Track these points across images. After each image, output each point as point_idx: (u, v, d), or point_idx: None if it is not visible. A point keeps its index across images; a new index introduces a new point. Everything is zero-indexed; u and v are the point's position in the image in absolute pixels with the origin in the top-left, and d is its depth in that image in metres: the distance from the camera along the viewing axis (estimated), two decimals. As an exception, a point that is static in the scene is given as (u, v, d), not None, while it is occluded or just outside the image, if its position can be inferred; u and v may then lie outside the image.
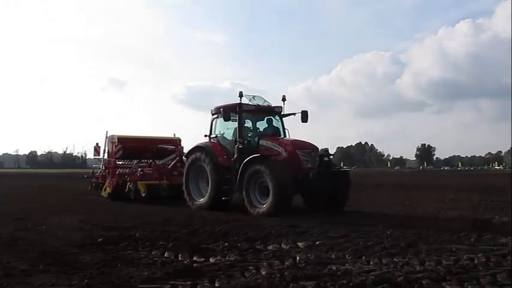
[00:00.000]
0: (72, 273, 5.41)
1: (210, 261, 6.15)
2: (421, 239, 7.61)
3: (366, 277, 5.07)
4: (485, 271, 5.42)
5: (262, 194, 11.27)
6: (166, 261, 6.10)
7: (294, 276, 5.06)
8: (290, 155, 11.59)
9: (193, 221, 10.05)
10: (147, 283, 4.99)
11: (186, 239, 7.82)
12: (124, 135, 17.58)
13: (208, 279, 5.15)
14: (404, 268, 5.64)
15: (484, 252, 6.48)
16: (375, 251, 6.75)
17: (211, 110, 13.55)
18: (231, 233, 8.33)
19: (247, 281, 5.01)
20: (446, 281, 4.98)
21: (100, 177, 17.84)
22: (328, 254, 6.56)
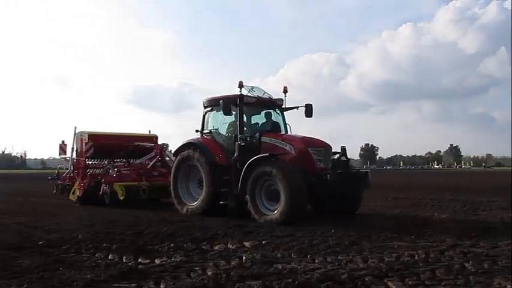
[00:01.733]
0: (11, 277, 5.20)
1: (156, 262, 6.07)
2: (364, 237, 7.79)
3: (311, 275, 5.14)
4: (425, 267, 5.60)
5: (270, 198, 9.80)
6: (110, 264, 5.96)
7: (240, 276, 5.07)
8: (301, 154, 10.13)
9: (138, 222, 9.89)
10: (90, 286, 4.86)
11: (131, 240, 7.68)
12: (95, 132, 15.71)
13: (154, 280, 5.08)
14: (348, 265, 5.74)
15: (423, 249, 6.71)
16: (320, 249, 6.86)
17: (204, 102, 12.05)
18: (177, 234, 8.25)
19: (193, 281, 4.98)
20: (388, 277, 5.10)
21: (67, 179, 15.78)
22: (274, 253, 6.60)
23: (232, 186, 10.33)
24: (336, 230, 8.38)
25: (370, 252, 6.58)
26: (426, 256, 6.25)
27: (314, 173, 9.72)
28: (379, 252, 6.61)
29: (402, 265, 5.71)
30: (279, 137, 10.85)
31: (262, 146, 10.50)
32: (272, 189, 9.66)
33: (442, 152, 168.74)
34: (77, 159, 15.42)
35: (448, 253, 6.45)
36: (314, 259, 6.17)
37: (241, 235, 8.14)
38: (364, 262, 5.94)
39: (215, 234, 8.26)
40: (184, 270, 5.58)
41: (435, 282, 4.94)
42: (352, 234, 7.97)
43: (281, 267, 5.65)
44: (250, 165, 9.93)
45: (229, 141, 11.11)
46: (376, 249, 6.83)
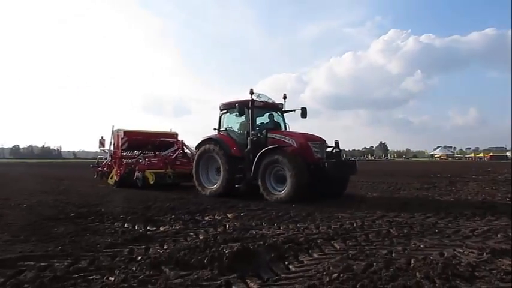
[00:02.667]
0: (48, 241, 5.09)
1: (160, 229, 6.00)
2: (317, 209, 7.81)
3: (277, 238, 5.15)
4: (361, 232, 5.66)
5: (278, 181, 9.51)
6: (125, 231, 5.87)
7: (224, 240, 5.05)
8: (302, 146, 9.71)
9: (147, 199, 9.74)
10: (110, 248, 4.79)
11: (142, 213, 7.57)
12: (129, 129, 15.03)
13: (159, 243, 5.04)
14: (304, 231, 5.77)
15: (360, 219, 6.77)
16: (284, 219, 6.87)
17: (220, 106, 11.46)
18: (177, 208, 8.16)
19: (189, 244, 4.93)
20: (334, 239, 5.15)
21: (106, 167, 15.30)
22: (250, 222, 6.58)
23: (245, 173, 10.10)
24: (296, 205, 8.41)
25: (321, 221, 6.61)
26: (362, 224, 6.32)
27: (313, 162, 9.44)
28: (327, 221, 6.64)
29: (344, 231, 5.75)
30: (283, 133, 10.56)
31: (269, 141, 10.18)
32: (279, 174, 9.45)
33: (374, 147, 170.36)
34: (114, 151, 14.86)
35: (378, 222, 6.52)
36: (279, 226, 6.18)
37: (225, 209, 8.09)
38: (316, 228, 5.98)
39: (206, 208, 8.20)
40: (182, 235, 5.55)
41: (368, 243, 5.00)
42: (308, 208, 7.99)
43: (255, 232, 5.65)
44: (261, 155, 9.68)
45: (241, 137, 10.73)
46: (326, 219, 6.85)
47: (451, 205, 8.60)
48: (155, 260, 4.13)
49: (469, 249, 4.54)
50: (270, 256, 4.26)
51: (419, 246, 4.77)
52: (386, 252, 4.45)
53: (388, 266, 3.78)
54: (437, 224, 6.22)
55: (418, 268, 3.75)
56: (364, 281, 3.42)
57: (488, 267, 3.79)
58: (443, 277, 3.48)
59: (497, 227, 5.93)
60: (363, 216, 7.00)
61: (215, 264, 3.90)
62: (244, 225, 6.33)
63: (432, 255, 4.28)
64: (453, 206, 8.47)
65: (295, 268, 3.96)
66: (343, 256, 4.27)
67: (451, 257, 4.18)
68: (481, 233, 5.52)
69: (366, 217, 6.93)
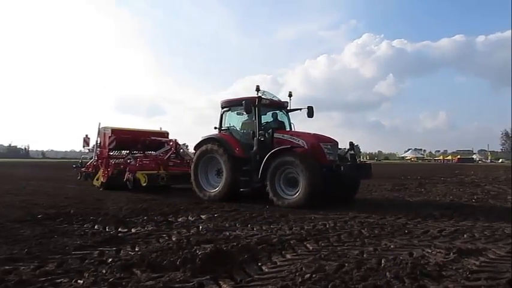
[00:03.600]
0: (14, 244, 4.92)
1: (132, 231, 5.90)
2: (290, 210, 7.87)
3: (250, 239, 5.16)
4: (333, 233, 5.73)
5: (288, 185, 8.80)
6: (96, 232, 5.74)
7: (197, 241, 5.02)
8: (313, 148, 8.99)
9: (119, 200, 9.57)
10: (79, 250, 4.67)
11: (113, 214, 7.42)
12: (117, 127, 13.91)
13: (130, 245, 4.95)
14: (278, 232, 5.79)
15: (332, 219, 6.85)
16: (258, 220, 6.89)
17: (221, 103, 10.70)
18: (150, 209, 8.05)
19: (161, 245, 4.88)
20: (307, 240, 5.20)
21: (91, 167, 14.01)
22: (224, 223, 6.57)
23: (251, 175, 9.26)
24: (269, 206, 8.44)
25: (294, 222, 6.66)
26: (334, 225, 6.40)
27: (325, 165, 8.70)
28: (300, 222, 6.70)
29: (317, 231, 5.82)
30: (291, 133, 9.82)
31: (275, 141, 9.44)
32: (290, 177, 8.75)
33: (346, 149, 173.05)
34: (100, 151, 13.66)
35: (350, 222, 6.62)
36: (253, 228, 6.19)
37: (198, 210, 8.04)
38: (289, 229, 6.01)
39: (179, 209, 8.13)
40: (154, 237, 5.47)
41: (340, 244, 5.07)
42: (281, 209, 8.04)
43: (228, 234, 5.63)
44: (271, 156, 8.93)
45: (245, 137, 9.97)
46: (299, 220, 6.91)
47: (420, 206, 8.83)
48: (126, 262, 4.06)
49: (437, 249, 4.67)
50: (243, 257, 4.25)
51: (390, 246, 4.86)
52: (357, 253, 4.53)
53: (359, 266, 3.85)
54: (407, 225, 6.37)
55: (388, 268, 3.83)
56: (336, 281, 3.46)
57: (455, 267, 3.91)
58: (412, 277, 3.56)
59: (463, 227, 6.12)
60: (335, 217, 7.08)
61: (188, 266, 3.87)
62: (218, 226, 6.30)
63: (402, 255, 4.38)
64: (422, 207, 8.70)
65: (268, 269, 3.97)
66: (316, 257, 4.31)
67: (420, 257, 4.29)
68: (448, 233, 5.69)
69: (339, 218, 7.02)
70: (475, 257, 4.30)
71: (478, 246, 4.81)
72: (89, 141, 14.44)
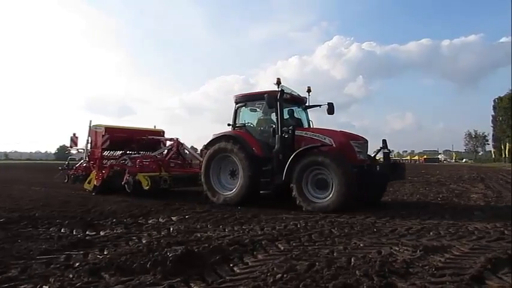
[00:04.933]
0: (-25, 249, 4.72)
1: (101, 234, 5.76)
2: (262, 211, 7.88)
3: (222, 241, 5.12)
4: (305, 232, 5.76)
5: (317, 187, 8.06)
6: (62, 236, 5.57)
7: (168, 243, 4.95)
8: (342, 146, 8.29)
9: (87, 203, 9.33)
10: (44, 254, 4.51)
11: (81, 217, 7.22)
12: (111, 125, 12.87)
13: (99, 248, 4.82)
14: (249, 233, 5.79)
15: (304, 219, 6.90)
16: (229, 221, 6.86)
17: (236, 98, 9.87)
18: (119, 211, 7.89)
19: (130, 248, 4.78)
20: (278, 240, 5.21)
21: (81, 169, 12.95)
22: (195, 225, 6.51)
23: (273, 176, 8.55)
24: (241, 207, 8.43)
25: (266, 222, 6.67)
26: (305, 225, 6.44)
27: (355, 165, 8.01)
28: (272, 222, 6.71)
29: (288, 231, 5.84)
30: (315, 130, 9.01)
31: (297, 139, 8.71)
32: (319, 178, 8.04)
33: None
34: (92, 151, 12.62)
35: (321, 222, 6.67)
36: (225, 228, 6.16)
37: (169, 211, 7.94)
38: (261, 230, 6.02)
39: (149, 211, 7.99)
40: (124, 239, 5.36)
41: (311, 243, 5.11)
42: (253, 210, 8.04)
43: (200, 235, 5.58)
44: (297, 155, 8.21)
45: (263, 135, 9.29)
46: (270, 220, 6.93)
47: (388, 205, 9.04)
48: (94, 266, 3.96)
49: (404, 247, 4.78)
50: (214, 258, 4.23)
51: (359, 245, 4.94)
52: (328, 252, 4.58)
53: (329, 265, 3.89)
54: (376, 224, 6.50)
55: (357, 266, 3.90)
56: (307, 280, 3.49)
57: (421, 264, 4.02)
58: (380, 274, 3.63)
59: (429, 225, 6.30)
60: (306, 217, 7.13)
61: (158, 269, 3.81)
62: (189, 227, 6.24)
63: (371, 253, 4.46)
64: (390, 206, 8.92)
65: (240, 270, 3.96)
66: (287, 256, 4.34)
67: (388, 255, 4.38)
68: (415, 231, 5.84)
69: (310, 218, 7.07)
70: (441, 254, 4.43)
71: (443, 243, 4.96)
72: (77, 140, 13.41)
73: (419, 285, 3.40)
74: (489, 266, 3.81)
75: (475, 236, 5.40)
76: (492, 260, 4.00)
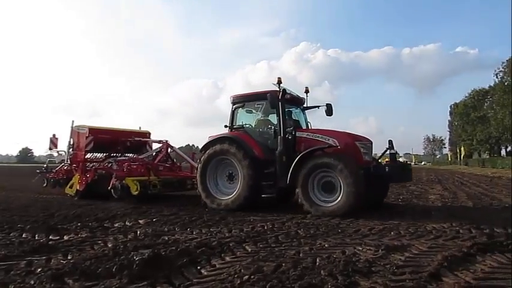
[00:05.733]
0: None
1: (64, 238, 5.57)
2: (230, 213, 7.87)
3: (190, 243, 5.07)
4: (272, 234, 5.79)
5: (324, 190, 7.71)
6: (23, 241, 5.33)
7: (134, 246, 4.85)
8: (348, 147, 7.96)
9: (50, 207, 9.01)
10: (4, 260, 4.31)
11: (43, 221, 6.97)
12: (95, 126, 11.99)
13: (62, 253, 4.66)
14: (217, 235, 5.76)
15: (271, 221, 6.94)
16: (197, 224, 6.81)
17: (233, 98, 9.33)
18: (84, 215, 7.67)
19: (95, 252, 4.65)
20: (246, 242, 5.21)
21: (62, 172, 12.04)
22: (163, 228, 6.41)
23: (277, 179, 8.15)
24: (209, 209, 8.38)
25: (233, 225, 6.66)
26: (272, 226, 6.49)
27: (361, 166, 7.68)
28: (240, 224, 6.72)
29: (256, 233, 5.86)
30: (317, 131, 8.59)
31: (299, 140, 8.36)
32: (326, 181, 7.69)
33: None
34: (74, 153, 11.68)
35: (287, 223, 6.74)
36: (192, 231, 6.11)
37: (136, 215, 7.79)
38: (229, 232, 6.01)
39: (115, 214, 7.82)
40: (88, 244, 5.21)
41: (278, 244, 5.14)
42: (221, 212, 8.02)
43: (167, 238, 5.51)
44: (302, 157, 7.84)
45: (263, 136, 8.87)
46: (238, 222, 6.93)
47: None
48: (57, 271, 3.81)
49: (367, 246, 4.90)
50: (182, 261, 4.18)
51: (324, 245, 5.02)
52: (294, 253, 4.62)
53: (295, 266, 3.93)
54: (340, 224, 6.62)
55: (322, 266, 3.96)
56: (274, 281, 3.51)
57: (383, 263, 4.13)
58: (344, 273, 3.71)
59: (391, 225, 6.48)
60: (273, 219, 7.17)
61: (124, 273, 3.72)
62: (156, 231, 6.14)
63: (335, 253, 4.54)
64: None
65: (208, 272, 3.93)
66: (254, 258, 4.35)
67: (352, 255, 4.47)
68: (377, 231, 5.99)
69: (277, 219, 7.12)
70: (401, 252, 4.57)
71: (403, 242, 5.12)
72: (57, 142, 12.42)
73: (381, 283, 3.49)
74: (445, 264, 3.96)
75: (432, 235, 5.60)
76: (448, 258, 4.16)
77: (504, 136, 48.14)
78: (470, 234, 5.65)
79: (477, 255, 4.36)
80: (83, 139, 11.53)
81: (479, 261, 4.15)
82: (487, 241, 4.97)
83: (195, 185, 10.72)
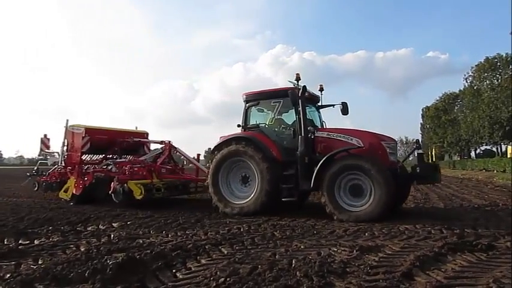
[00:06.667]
0: None
1: (35, 243, 5.43)
2: (206, 215, 7.83)
3: (165, 246, 5.02)
4: (248, 236, 5.80)
5: (351, 194, 7.22)
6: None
7: (108, 250, 4.76)
8: (373, 148, 7.50)
9: (20, 210, 8.74)
10: (-30, 267, 4.17)
11: (13, 225, 6.76)
12: (91, 126, 11.18)
13: (32, 258, 4.55)
14: (193, 238, 5.73)
15: (247, 223, 6.95)
16: (173, 226, 6.75)
17: (245, 96, 8.81)
18: (55, 218, 7.48)
19: (67, 257, 4.54)
20: (222, 245, 5.20)
21: (56, 176, 11.26)
22: (137, 231, 6.32)
23: (298, 182, 7.65)
24: (184, 211, 8.31)
25: (209, 227, 6.63)
26: (248, 228, 6.49)
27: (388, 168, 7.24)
28: (216, 226, 6.69)
29: (232, 235, 5.85)
30: (338, 131, 8.01)
31: (318, 140, 7.90)
32: (354, 184, 7.22)
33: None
34: (69, 155, 10.91)
35: (263, 225, 6.75)
36: (168, 234, 6.05)
37: (110, 218, 7.65)
38: (205, 234, 5.98)
39: (88, 217, 7.65)
40: (60, 248, 5.09)
41: (254, 246, 5.15)
42: (197, 214, 7.97)
43: (142, 241, 5.44)
44: (327, 159, 7.35)
45: (281, 136, 8.36)
46: (214, 224, 6.90)
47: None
48: (27, 277, 3.71)
49: (341, 247, 4.96)
50: (157, 265, 4.12)
51: (300, 247, 5.05)
52: (270, 255, 4.63)
53: (271, 268, 3.94)
54: (316, 226, 6.67)
55: (298, 268, 3.98)
56: (250, 283, 3.51)
57: (357, 263, 4.18)
58: (320, 274, 3.74)
59: (365, 226, 6.57)
60: (249, 221, 7.18)
61: (97, 277, 3.65)
62: (131, 234, 6.05)
63: (311, 255, 4.57)
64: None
65: (183, 275, 3.90)
66: (230, 260, 4.33)
67: (327, 256, 4.52)
68: (352, 232, 6.07)
69: (253, 221, 7.13)
70: (375, 253, 4.64)
71: (377, 243, 5.20)
72: (49, 142, 11.70)
73: (356, 283, 3.53)
74: (418, 264, 4.05)
75: (405, 236, 5.72)
76: (420, 257, 4.25)
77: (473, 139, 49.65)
78: (442, 234, 5.79)
79: (448, 254, 4.48)
80: (78, 139, 10.81)
81: (450, 261, 4.26)
82: (457, 241, 5.10)
83: (198, 188, 10.64)
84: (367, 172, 6.98)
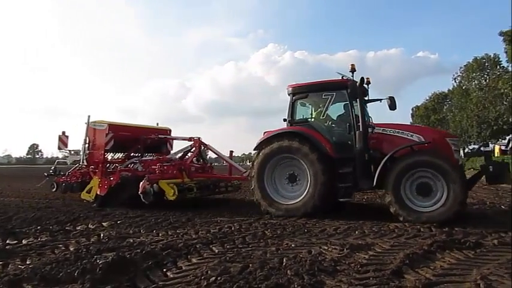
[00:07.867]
0: None
1: (23, 242, 5.37)
2: (197, 214, 7.81)
3: (155, 245, 5.00)
4: (239, 235, 5.80)
5: (418, 193, 6.69)
6: (-22, 246, 5.10)
7: (98, 250, 4.73)
8: (437, 145, 6.99)
9: (8, 210, 8.62)
10: (-44, 267, 4.10)
11: (0, 225, 6.67)
12: (114, 122, 10.69)
13: (20, 258, 4.49)
14: (184, 237, 5.70)
15: (238, 222, 6.95)
16: (163, 225, 6.72)
17: (292, 89, 8.22)
18: (44, 218, 7.39)
19: (56, 257, 4.49)
20: (213, 244, 5.19)
21: (78, 175, 10.71)
22: (127, 230, 6.29)
23: (357, 181, 7.18)
24: (175, 211, 8.28)
25: (200, 226, 6.62)
26: (240, 227, 6.48)
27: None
28: (207, 225, 6.67)
29: (223, 234, 5.84)
30: (395, 126, 7.50)
31: (374, 137, 7.41)
32: (421, 182, 6.70)
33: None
34: (91, 153, 10.25)
35: (255, 224, 6.76)
36: (158, 233, 6.03)
37: (100, 217, 7.59)
38: (196, 233, 5.96)
39: (78, 217, 7.59)
40: (49, 248, 5.04)
41: (245, 245, 5.15)
42: (188, 213, 7.94)
43: (132, 240, 5.40)
44: (393, 156, 6.90)
45: (333, 131, 7.89)
46: (205, 223, 6.89)
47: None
48: (15, 277, 3.67)
49: (332, 246, 4.98)
50: (147, 264, 4.10)
51: (291, 245, 5.06)
52: (261, 253, 4.63)
53: (262, 266, 3.95)
54: (307, 224, 6.69)
55: (289, 266, 3.99)
56: (240, 282, 3.51)
57: (348, 261, 4.21)
58: (310, 273, 3.75)
59: (355, 225, 6.61)
60: (240, 220, 7.18)
61: (87, 277, 3.62)
62: (121, 233, 6.01)
63: (301, 253, 4.59)
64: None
65: (174, 275, 3.88)
66: (221, 259, 4.33)
67: (317, 254, 4.53)
68: (342, 230, 6.11)
69: (244, 220, 7.13)
70: (365, 251, 4.68)
71: (367, 241, 5.24)
72: (67, 140, 10.91)
73: (346, 281, 3.55)
74: (407, 261, 4.09)
75: (395, 234, 5.77)
76: (410, 255, 4.29)
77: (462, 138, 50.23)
78: (431, 232, 5.85)
79: (437, 252, 4.52)
80: (101, 137, 10.15)
81: (439, 258, 4.30)
82: (446, 239, 5.16)
83: (229, 188, 10.42)
84: (440, 169, 6.52)
